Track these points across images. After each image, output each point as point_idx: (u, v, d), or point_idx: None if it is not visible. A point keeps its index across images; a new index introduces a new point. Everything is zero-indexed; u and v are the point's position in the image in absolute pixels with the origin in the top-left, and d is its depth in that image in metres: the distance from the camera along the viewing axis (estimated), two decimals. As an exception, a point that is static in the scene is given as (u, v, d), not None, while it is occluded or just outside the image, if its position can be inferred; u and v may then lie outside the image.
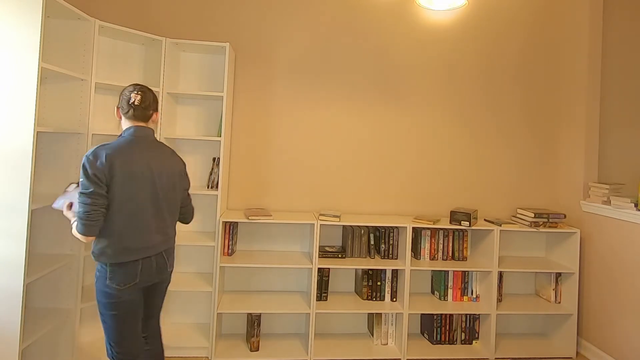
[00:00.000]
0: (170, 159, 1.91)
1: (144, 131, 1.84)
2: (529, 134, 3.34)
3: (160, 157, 1.86)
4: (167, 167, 1.87)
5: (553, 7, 3.36)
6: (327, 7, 3.18)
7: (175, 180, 1.91)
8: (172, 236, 1.93)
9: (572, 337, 2.98)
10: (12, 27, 1.93)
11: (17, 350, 1.90)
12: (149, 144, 1.85)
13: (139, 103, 1.81)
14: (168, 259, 1.91)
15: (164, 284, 1.98)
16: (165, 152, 1.91)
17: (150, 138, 1.86)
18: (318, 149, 3.17)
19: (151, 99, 1.87)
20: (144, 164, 1.78)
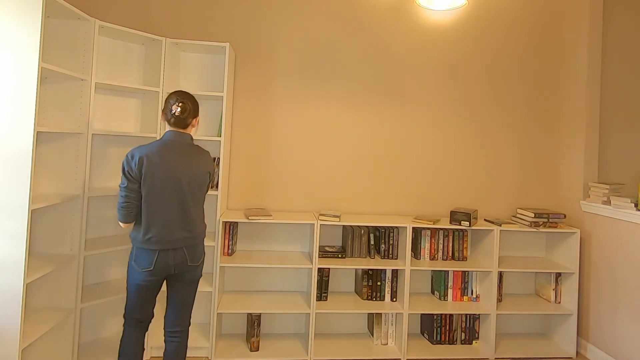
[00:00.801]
0: (199, 161, 2.08)
1: (180, 137, 2.06)
2: (528, 134, 3.34)
3: (189, 159, 2.05)
4: (194, 168, 2.06)
5: (553, 7, 3.36)
6: (327, 7, 3.18)
7: (202, 181, 2.09)
8: (197, 233, 2.10)
9: (572, 337, 2.98)
10: (12, 27, 1.92)
11: (17, 350, 1.90)
12: (182, 148, 2.05)
13: (179, 114, 2.05)
14: (189, 254, 2.06)
15: (186, 277, 2.09)
16: (196, 154, 2.08)
17: (183, 142, 2.07)
18: (318, 148, 3.17)
19: (190, 109, 2.08)
20: (171, 166, 2.00)
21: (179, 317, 2.12)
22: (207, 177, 2.12)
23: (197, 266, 2.11)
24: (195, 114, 2.13)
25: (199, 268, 2.14)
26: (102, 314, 2.78)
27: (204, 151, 2.15)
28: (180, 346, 2.13)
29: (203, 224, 2.15)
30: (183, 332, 2.14)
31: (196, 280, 2.15)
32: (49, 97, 2.36)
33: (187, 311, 2.15)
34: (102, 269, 2.76)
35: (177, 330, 2.12)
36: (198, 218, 2.11)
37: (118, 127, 2.79)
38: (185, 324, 2.16)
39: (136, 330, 2.10)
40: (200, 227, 2.12)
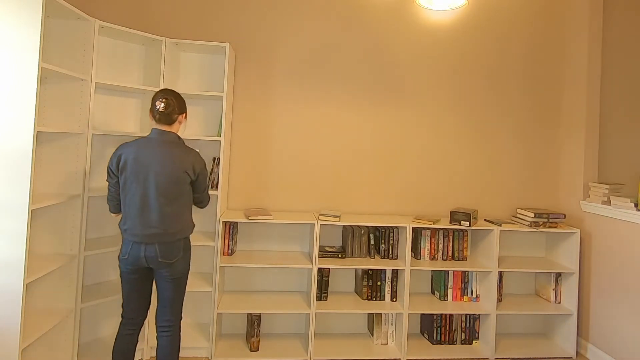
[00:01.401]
0: (177, 159, 2.08)
1: (162, 135, 2.11)
2: (529, 134, 3.34)
3: (166, 157, 2.06)
4: (170, 166, 2.06)
5: (553, 7, 3.36)
6: (327, 7, 3.18)
7: (178, 179, 2.08)
8: (172, 232, 2.09)
9: (572, 337, 2.98)
10: (12, 27, 1.92)
11: (17, 350, 1.90)
12: (161, 145, 2.08)
13: (163, 109, 2.09)
14: (160, 250, 2.07)
15: (162, 273, 2.11)
16: (176, 152, 2.09)
17: (165, 140, 2.10)
18: (318, 148, 3.17)
19: (174, 104, 2.12)
20: (145, 163, 2.05)
21: (164, 312, 2.15)
22: (186, 176, 2.09)
23: (170, 263, 2.09)
24: (181, 111, 2.17)
25: (175, 266, 2.11)
26: (102, 314, 2.78)
27: (190, 150, 2.15)
28: (170, 340, 2.14)
29: (182, 223, 2.13)
30: (172, 327, 2.15)
31: (175, 278, 2.13)
32: (49, 97, 2.36)
33: (171, 307, 2.15)
34: (102, 269, 2.77)
35: (164, 325, 2.14)
36: (174, 216, 2.09)
37: (118, 127, 2.79)
38: (172, 319, 2.15)
39: (125, 328, 2.17)
40: (176, 225, 2.10)
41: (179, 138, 2.17)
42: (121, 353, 2.16)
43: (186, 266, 2.18)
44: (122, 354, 2.16)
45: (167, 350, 2.13)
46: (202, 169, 2.19)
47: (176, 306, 2.17)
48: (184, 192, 2.12)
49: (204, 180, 2.22)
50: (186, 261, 2.18)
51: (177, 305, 2.18)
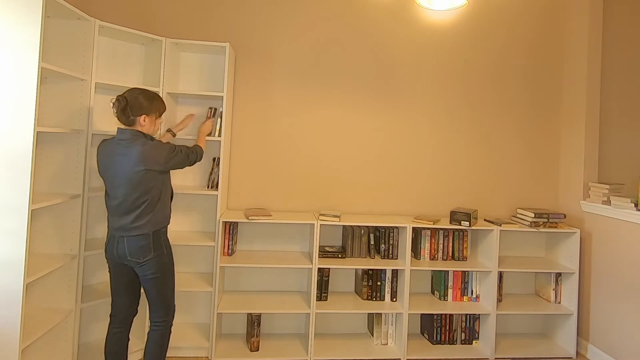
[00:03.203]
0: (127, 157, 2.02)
1: (120, 133, 2.08)
2: (529, 134, 3.34)
3: (122, 156, 2.04)
4: (125, 164, 2.03)
5: (553, 7, 3.36)
6: (327, 7, 3.18)
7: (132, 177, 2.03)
8: (132, 227, 2.06)
9: (572, 337, 2.98)
10: (12, 27, 1.92)
11: (17, 350, 1.90)
12: (120, 144, 2.06)
13: (115, 110, 2.10)
14: (127, 248, 2.06)
15: (138, 271, 2.10)
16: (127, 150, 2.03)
17: (122, 138, 2.06)
18: (318, 148, 3.17)
19: (124, 106, 2.07)
20: (109, 161, 2.07)
21: (150, 309, 2.17)
22: (142, 174, 2.02)
23: (140, 263, 2.06)
24: (140, 112, 2.09)
25: (147, 266, 2.07)
26: (102, 314, 2.78)
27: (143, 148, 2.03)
28: (156, 336, 2.15)
29: (144, 218, 2.06)
30: (159, 325, 2.15)
31: (150, 279, 2.10)
32: (49, 97, 2.36)
33: (155, 305, 2.15)
34: (102, 269, 2.76)
35: (153, 322, 2.16)
36: (135, 215, 2.04)
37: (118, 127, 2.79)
38: (158, 316, 2.16)
39: (112, 326, 2.20)
40: (137, 222, 2.04)
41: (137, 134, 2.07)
42: (111, 353, 2.17)
43: (162, 265, 2.12)
44: (112, 354, 2.17)
45: (152, 346, 2.14)
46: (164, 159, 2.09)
47: (161, 305, 2.16)
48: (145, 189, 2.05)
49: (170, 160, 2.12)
50: (161, 260, 2.12)
51: (162, 304, 2.16)
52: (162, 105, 2.21)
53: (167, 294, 2.17)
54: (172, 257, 2.21)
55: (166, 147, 2.12)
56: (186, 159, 2.21)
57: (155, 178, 2.08)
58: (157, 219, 2.12)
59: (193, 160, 2.27)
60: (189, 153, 2.23)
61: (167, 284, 2.16)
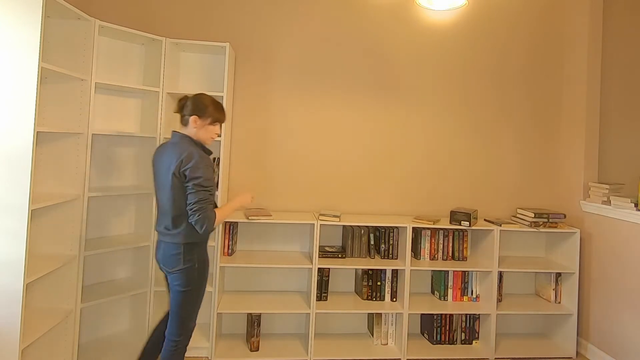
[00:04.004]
0: (167, 160, 1.99)
1: (172, 136, 2.09)
2: (529, 134, 3.34)
3: (165, 156, 2.01)
4: (165, 166, 1.99)
5: (553, 7, 3.36)
6: (327, 7, 3.18)
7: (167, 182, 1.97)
8: (167, 233, 1.99)
9: (572, 337, 2.98)
10: (12, 27, 1.92)
11: (17, 350, 1.90)
12: (168, 146, 2.06)
13: (176, 108, 2.13)
14: (163, 253, 2.02)
15: (168, 278, 2.04)
16: (172, 149, 2.00)
17: (172, 141, 2.06)
18: (318, 148, 3.17)
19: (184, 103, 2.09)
20: (157, 161, 2.07)
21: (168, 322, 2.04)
22: (173, 177, 1.94)
23: (169, 272, 1.99)
24: (191, 112, 2.04)
25: (174, 277, 1.98)
26: (102, 314, 2.78)
27: (184, 147, 1.98)
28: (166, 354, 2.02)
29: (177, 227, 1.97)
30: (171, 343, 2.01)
31: (176, 290, 1.99)
32: (49, 97, 2.36)
33: (173, 320, 2.01)
34: (102, 269, 2.76)
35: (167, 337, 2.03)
36: (170, 221, 1.98)
37: (118, 127, 2.79)
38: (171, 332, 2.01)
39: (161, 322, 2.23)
40: (171, 229, 1.98)
41: (185, 137, 2.04)
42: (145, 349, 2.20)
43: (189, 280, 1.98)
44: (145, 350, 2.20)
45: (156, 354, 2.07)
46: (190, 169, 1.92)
47: (178, 322, 2.01)
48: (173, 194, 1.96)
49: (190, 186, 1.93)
50: (190, 274, 1.98)
51: (179, 321, 2.01)
52: (218, 114, 2.09)
53: (187, 312, 2.02)
54: (204, 275, 2.04)
55: (206, 172, 1.94)
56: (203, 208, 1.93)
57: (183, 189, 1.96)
58: (192, 231, 1.98)
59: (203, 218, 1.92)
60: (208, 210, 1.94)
61: (190, 301, 2.01)
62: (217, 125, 2.12)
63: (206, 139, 2.10)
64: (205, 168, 1.95)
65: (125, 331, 2.85)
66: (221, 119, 2.12)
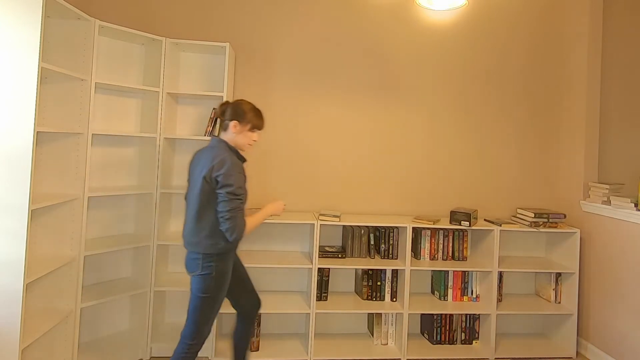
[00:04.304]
0: (201, 164, 1.99)
1: (210, 140, 2.12)
2: (529, 134, 3.34)
3: (200, 159, 2.03)
4: (198, 168, 2.00)
5: (553, 7, 3.36)
6: (327, 7, 3.18)
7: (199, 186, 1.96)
8: (190, 241, 2.00)
9: (572, 337, 2.98)
10: (12, 27, 1.92)
11: (17, 350, 1.90)
12: (205, 149, 2.08)
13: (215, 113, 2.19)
14: (187, 256, 2.04)
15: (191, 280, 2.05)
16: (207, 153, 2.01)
17: (210, 145, 2.09)
18: (318, 148, 3.17)
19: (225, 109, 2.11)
20: (192, 163, 2.11)
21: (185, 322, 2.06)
22: (203, 181, 1.93)
23: (190, 275, 2.01)
24: (232, 118, 2.07)
25: (193, 280, 1.98)
26: (102, 314, 2.78)
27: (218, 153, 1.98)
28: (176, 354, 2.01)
29: (198, 235, 1.97)
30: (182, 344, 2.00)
31: (193, 293, 1.99)
32: (49, 97, 2.36)
33: (188, 321, 2.01)
34: (102, 269, 2.76)
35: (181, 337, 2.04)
36: (191, 225, 1.99)
37: (118, 127, 2.79)
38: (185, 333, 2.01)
39: None
40: (191, 236, 1.98)
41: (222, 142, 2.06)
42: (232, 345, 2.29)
43: (205, 287, 1.97)
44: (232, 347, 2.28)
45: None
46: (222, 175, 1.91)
47: (192, 324, 1.99)
48: (201, 200, 1.96)
49: (222, 194, 1.92)
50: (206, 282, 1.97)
51: (193, 324, 1.99)
52: (257, 121, 2.12)
53: (203, 317, 2.00)
54: (221, 286, 2.02)
55: (238, 180, 1.94)
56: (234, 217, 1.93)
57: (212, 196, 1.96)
58: (212, 242, 1.97)
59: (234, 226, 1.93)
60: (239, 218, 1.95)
61: (206, 307, 1.99)
62: (256, 132, 2.15)
63: (243, 145, 2.13)
64: (238, 175, 1.96)
65: (125, 331, 2.85)
66: (260, 126, 2.15)
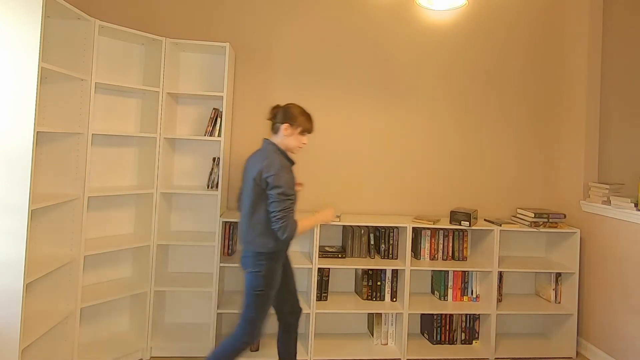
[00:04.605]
0: (253, 165, 2.08)
1: (262, 142, 2.19)
2: (529, 134, 3.34)
3: (252, 162, 2.11)
4: (250, 170, 2.09)
5: (553, 7, 3.36)
6: (328, 7, 3.18)
7: (250, 186, 2.07)
8: (244, 240, 2.10)
9: (572, 337, 2.98)
10: (12, 27, 1.92)
11: (17, 350, 1.90)
12: (257, 152, 2.15)
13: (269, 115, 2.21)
14: (241, 254, 2.13)
15: None
16: (258, 156, 2.10)
17: (262, 147, 2.16)
18: (318, 148, 3.17)
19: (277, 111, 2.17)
20: (246, 166, 2.17)
21: None
22: (254, 183, 2.03)
23: (244, 271, 2.10)
24: (283, 121, 2.12)
25: (246, 276, 2.08)
26: (102, 314, 2.78)
27: (267, 155, 2.07)
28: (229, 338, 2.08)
29: (251, 234, 2.05)
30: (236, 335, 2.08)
31: (246, 290, 2.08)
32: (49, 97, 2.36)
33: (241, 316, 2.09)
34: (102, 269, 2.76)
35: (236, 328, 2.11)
36: (244, 224, 2.09)
37: (118, 127, 2.79)
38: (238, 326, 2.08)
39: None
40: (245, 235, 2.08)
41: (272, 145, 2.13)
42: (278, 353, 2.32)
43: (256, 285, 2.05)
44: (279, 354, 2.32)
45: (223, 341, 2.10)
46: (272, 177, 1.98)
47: (245, 319, 2.07)
48: (252, 199, 2.05)
49: (273, 195, 1.99)
50: (257, 280, 2.05)
51: (246, 319, 2.07)
52: (308, 124, 2.17)
53: (252, 314, 2.07)
54: (271, 284, 2.09)
55: (287, 181, 2.00)
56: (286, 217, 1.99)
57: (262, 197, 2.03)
58: (261, 242, 2.05)
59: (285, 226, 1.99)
60: (290, 218, 2.01)
61: (256, 304, 2.07)
62: (306, 136, 2.20)
63: (294, 148, 2.18)
64: (287, 177, 2.03)
65: (125, 331, 2.85)
66: (310, 130, 2.20)
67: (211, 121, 2.85)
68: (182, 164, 3.01)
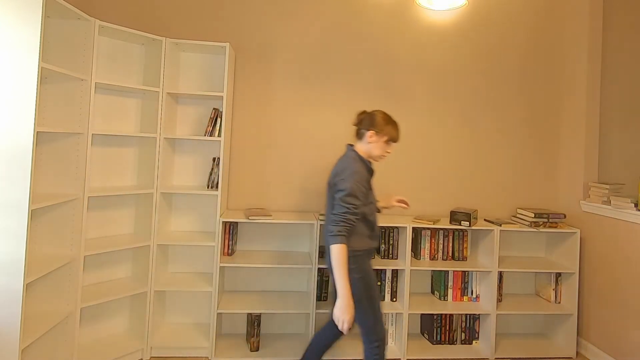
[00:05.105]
0: (334, 168, 2.11)
1: (346, 148, 2.20)
2: (529, 134, 3.34)
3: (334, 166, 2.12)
4: (330, 175, 2.12)
5: (553, 7, 3.36)
6: (328, 7, 3.18)
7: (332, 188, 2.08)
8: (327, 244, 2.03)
9: (572, 337, 2.98)
10: (12, 27, 1.92)
11: (17, 350, 1.90)
12: (340, 157, 2.15)
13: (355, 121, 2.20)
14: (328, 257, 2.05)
15: None
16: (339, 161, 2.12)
17: (345, 153, 2.16)
18: (318, 148, 3.17)
19: (363, 117, 2.16)
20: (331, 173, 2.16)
21: None
22: (328, 186, 2.10)
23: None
24: (369, 127, 2.10)
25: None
26: (102, 314, 2.78)
27: (346, 161, 2.06)
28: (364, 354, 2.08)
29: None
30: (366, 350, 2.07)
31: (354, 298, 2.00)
32: (49, 97, 2.36)
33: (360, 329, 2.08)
34: (102, 269, 2.76)
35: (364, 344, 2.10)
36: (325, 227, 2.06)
37: (118, 127, 2.79)
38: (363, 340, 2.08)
39: None
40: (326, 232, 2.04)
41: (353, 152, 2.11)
42: None
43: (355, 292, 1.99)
44: None
45: None
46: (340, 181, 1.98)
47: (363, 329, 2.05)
48: (332, 205, 2.04)
49: (337, 198, 1.97)
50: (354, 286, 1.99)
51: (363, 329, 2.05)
52: (394, 133, 2.13)
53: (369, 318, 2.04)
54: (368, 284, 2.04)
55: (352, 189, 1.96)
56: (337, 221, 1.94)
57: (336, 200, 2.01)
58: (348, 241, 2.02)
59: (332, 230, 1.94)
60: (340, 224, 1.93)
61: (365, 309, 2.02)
62: (391, 145, 2.15)
63: (377, 156, 2.14)
64: (355, 184, 1.96)
65: (125, 331, 2.85)
66: (396, 139, 2.15)
67: (211, 121, 2.85)
68: (182, 164, 3.01)
